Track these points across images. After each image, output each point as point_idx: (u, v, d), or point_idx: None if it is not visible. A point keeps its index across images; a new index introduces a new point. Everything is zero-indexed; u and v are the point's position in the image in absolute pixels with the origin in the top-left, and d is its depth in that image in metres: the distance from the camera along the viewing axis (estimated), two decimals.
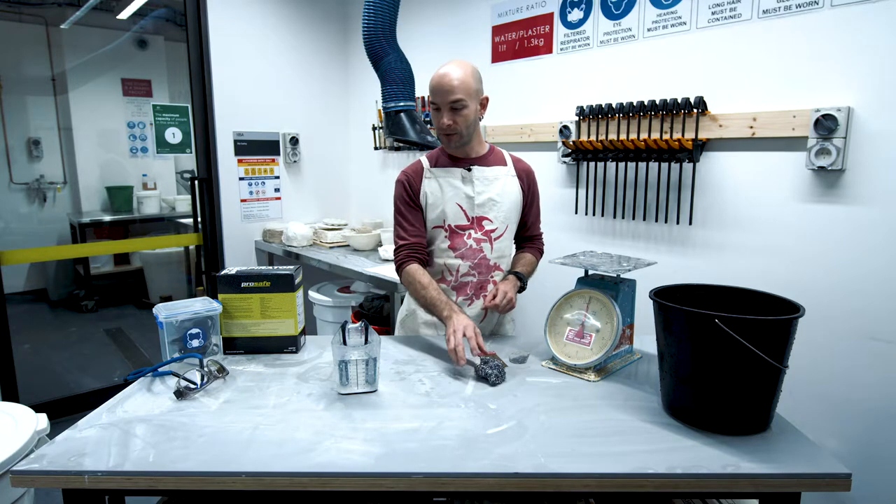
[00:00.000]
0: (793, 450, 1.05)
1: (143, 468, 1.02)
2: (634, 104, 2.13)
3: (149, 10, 4.98)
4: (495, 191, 1.74)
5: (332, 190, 3.75)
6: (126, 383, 1.41)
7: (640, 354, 1.54)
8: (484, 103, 1.74)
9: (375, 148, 3.48)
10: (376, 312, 2.73)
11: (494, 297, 1.62)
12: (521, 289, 1.76)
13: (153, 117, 3.14)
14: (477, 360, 1.41)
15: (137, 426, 1.17)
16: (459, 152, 1.75)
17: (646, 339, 1.59)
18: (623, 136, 2.19)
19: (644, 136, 2.13)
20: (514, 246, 1.88)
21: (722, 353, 1.05)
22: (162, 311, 1.48)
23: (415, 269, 1.68)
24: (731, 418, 1.09)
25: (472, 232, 1.74)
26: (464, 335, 1.44)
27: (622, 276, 1.42)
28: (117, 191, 5.04)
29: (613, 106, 2.20)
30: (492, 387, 1.34)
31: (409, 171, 1.77)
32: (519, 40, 2.63)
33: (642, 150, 2.09)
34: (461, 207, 1.73)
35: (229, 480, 1.00)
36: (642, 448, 1.06)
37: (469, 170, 1.74)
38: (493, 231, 1.75)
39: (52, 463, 1.04)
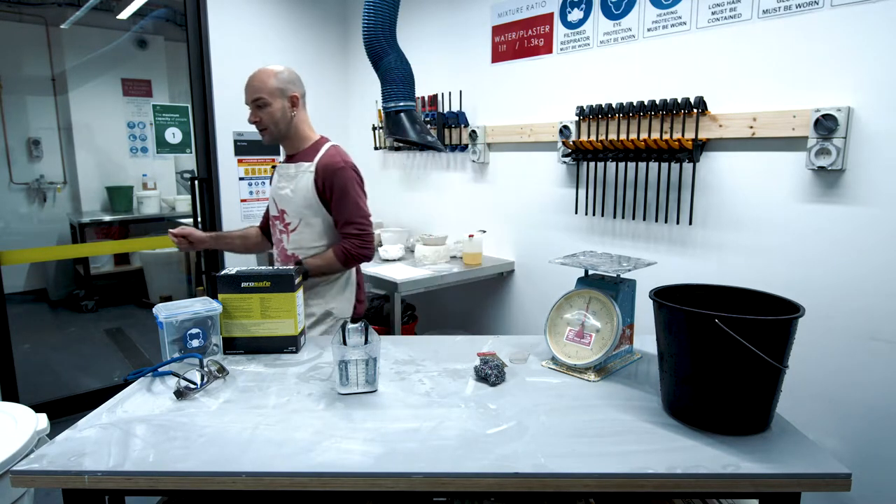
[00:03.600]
0: (793, 450, 1.05)
1: (143, 468, 1.01)
2: (634, 104, 2.13)
3: (149, 10, 4.98)
4: (290, 186, 1.87)
5: None
6: (126, 383, 1.41)
7: (640, 354, 1.54)
8: (295, 101, 1.87)
9: (375, 148, 3.48)
10: (376, 312, 2.72)
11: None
12: (305, 275, 1.79)
13: (153, 117, 3.14)
14: (478, 361, 1.41)
15: (137, 426, 1.17)
16: (284, 146, 1.94)
17: (646, 339, 1.59)
18: (623, 136, 2.19)
19: (644, 136, 2.13)
20: (322, 240, 1.90)
21: (722, 353, 1.05)
22: (162, 311, 1.48)
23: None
24: (731, 418, 1.09)
25: (278, 223, 1.95)
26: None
27: (622, 276, 1.42)
28: (117, 191, 5.05)
29: (613, 106, 2.20)
30: (492, 387, 1.34)
31: (274, 165, 2.06)
32: (519, 40, 2.63)
33: (642, 150, 2.09)
34: (273, 200, 1.95)
35: (229, 480, 1.00)
36: (642, 448, 1.06)
37: (274, 166, 1.94)
38: (289, 224, 1.91)
39: (52, 463, 1.03)
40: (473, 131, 2.82)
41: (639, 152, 2.10)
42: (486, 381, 1.36)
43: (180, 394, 1.29)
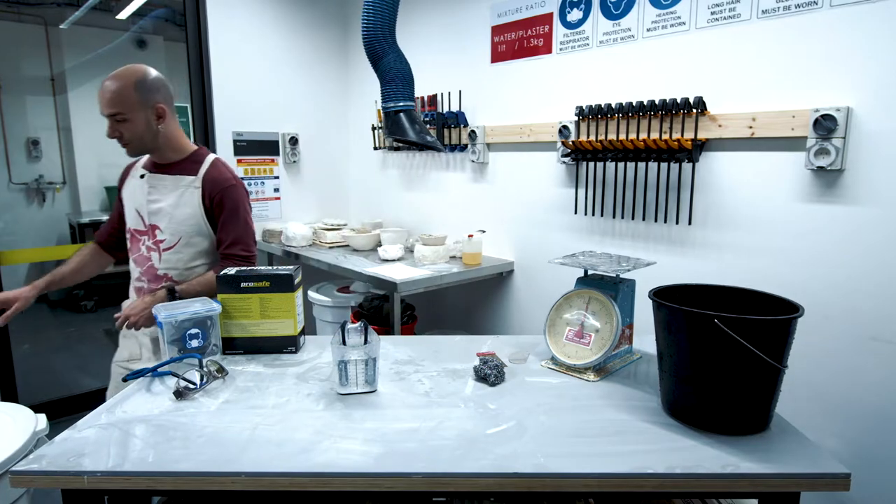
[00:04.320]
0: (792, 450, 1.05)
1: (142, 468, 1.01)
2: (634, 104, 2.13)
3: (148, 10, 4.98)
4: (169, 201, 1.70)
5: (331, 190, 3.75)
6: (125, 383, 1.41)
7: (640, 354, 1.54)
8: (161, 113, 1.67)
9: (375, 148, 3.48)
10: (375, 312, 2.73)
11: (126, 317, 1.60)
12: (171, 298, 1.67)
13: None
14: (477, 361, 1.41)
15: (137, 426, 1.17)
16: (152, 157, 1.76)
17: (645, 339, 1.59)
18: (622, 136, 2.19)
19: (643, 136, 2.13)
20: (202, 260, 1.78)
21: (721, 352, 1.05)
22: (161, 311, 1.48)
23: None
24: (730, 418, 1.09)
25: (145, 239, 1.75)
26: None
27: (621, 275, 1.42)
28: (115, 191, 5.04)
29: (613, 106, 2.20)
30: (491, 387, 1.34)
31: (126, 167, 1.86)
32: (518, 40, 2.63)
33: (642, 150, 2.09)
34: (139, 213, 1.74)
35: (228, 481, 1.00)
36: (642, 448, 1.06)
37: (142, 176, 1.73)
38: (162, 241, 1.73)
39: (51, 463, 1.03)
40: (473, 131, 2.82)
41: (638, 152, 2.10)
42: (485, 381, 1.36)
43: (179, 394, 1.29)
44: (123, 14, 4.83)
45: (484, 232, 2.80)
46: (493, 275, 2.78)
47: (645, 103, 2.10)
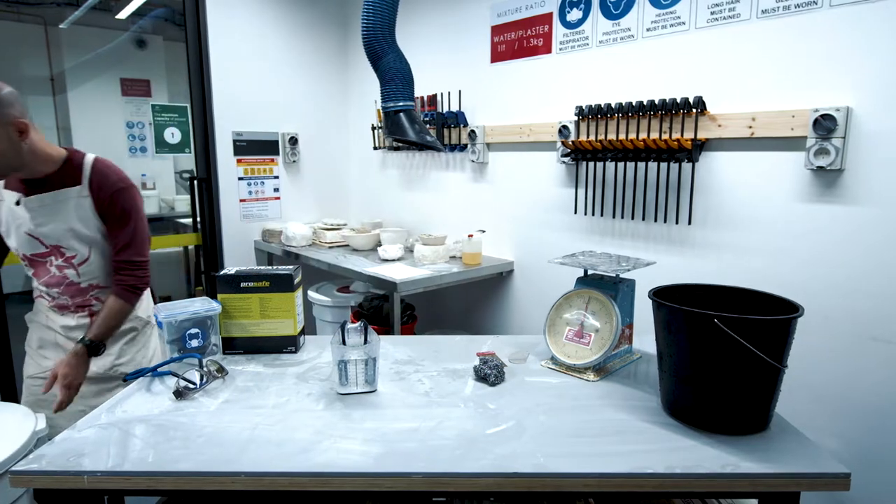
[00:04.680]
0: (792, 449, 1.05)
1: (142, 468, 1.01)
2: (633, 104, 2.13)
3: (147, 10, 4.97)
4: (61, 218, 1.58)
5: (331, 190, 3.75)
6: (125, 383, 1.41)
7: (640, 354, 1.54)
8: (22, 128, 1.46)
9: (375, 148, 3.48)
10: (375, 312, 2.73)
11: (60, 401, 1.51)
12: (94, 351, 1.60)
13: (152, 117, 3.13)
14: (477, 361, 1.41)
15: (136, 426, 1.17)
16: (19, 174, 1.56)
17: (645, 339, 1.59)
18: (622, 136, 2.19)
19: (643, 135, 2.13)
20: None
21: (721, 352, 1.05)
22: (161, 310, 1.48)
23: None
24: (730, 418, 1.10)
25: (52, 259, 1.64)
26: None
27: (621, 275, 1.42)
28: None
29: (612, 106, 2.20)
30: (491, 387, 1.34)
31: None
32: (518, 40, 2.63)
33: (641, 150, 2.09)
34: (33, 236, 1.60)
35: (228, 481, 1.00)
36: (641, 448, 1.06)
37: (18, 203, 1.57)
38: (73, 257, 1.63)
39: (51, 463, 1.03)
40: (472, 131, 2.82)
41: (638, 152, 2.10)
42: (485, 380, 1.36)
43: (179, 394, 1.29)
44: (123, 14, 4.83)
45: (484, 232, 2.80)
46: (493, 275, 2.78)
47: (645, 103, 2.10)
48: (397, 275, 2.44)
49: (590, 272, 1.48)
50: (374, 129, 3.45)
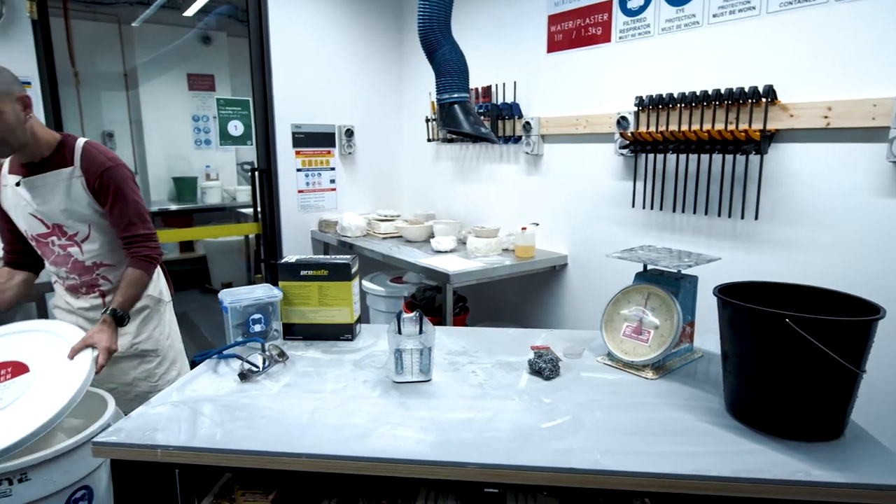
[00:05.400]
0: (869, 459, 0.99)
1: (210, 445, 1.07)
2: (698, 94, 2.05)
3: (212, 7, 5.16)
4: (58, 198, 1.65)
5: (385, 181, 3.81)
6: (193, 364, 1.48)
7: (701, 353, 1.49)
8: (27, 102, 1.55)
9: (428, 140, 3.50)
10: (428, 303, 2.75)
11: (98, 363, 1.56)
12: (121, 322, 1.67)
13: (217, 110, 3.26)
14: (531, 355, 1.41)
15: (205, 405, 1.23)
16: (19, 157, 1.64)
17: (706, 337, 1.54)
18: (685, 127, 2.11)
19: (708, 126, 2.04)
20: (120, 242, 1.76)
21: (792, 354, 1.00)
22: (227, 296, 1.55)
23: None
24: (801, 423, 1.04)
25: (55, 239, 1.70)
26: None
27: (683, 271, 1.37)
28: (183, 181, 5.28)
29: (675, 96, 2.12)
30: (546, 381, 1.33)
31: None
32: (576, 29, 2.57)
33: (705, 142, 2.01)
34: (36, 217, 1.67)
35: (291, 461, 1.04)
36: (703, 449, 1.03)
37: (18, 184, 1.65)
38: (75, 235, 1.70)
39: (128, 436, 1.10)
40: (527, 123, 2.79)
41: (702, 144, 2.02)
42: (540, 374, 1.35)
43: (244, 376, 1.35)
44: (190, 11, 5.04)
45: (537, 225, 2.77)
46: (546, 268, 2.75)
47: (710, 92, 2.01)
48: (450, 266, 2.45)
49: (650, 267, 1.44)
50: (427, 121, 3.47)
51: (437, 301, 2.74)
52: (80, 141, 1.70)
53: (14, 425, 1.35)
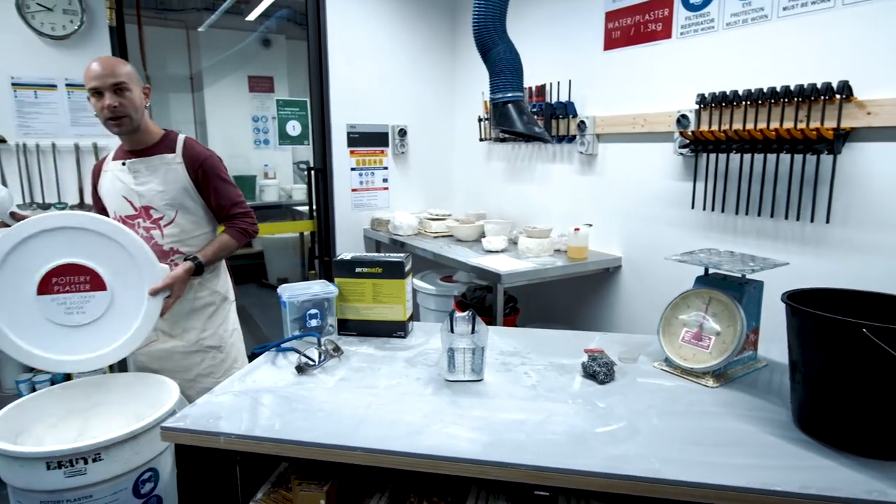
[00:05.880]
0: None
1: (270, 435, 1.10)
2: (765, 91, 1.96)
3: (273, 11, 5.34)
4: (157, 180, 1.82)
5: (437, 180, 3.83)
6: (253, 355, 1.54)
7: (765, 362, 1.42)
8: (146, 92, 1.82)
9: (480, 139, 3.50)
10: (478, 303, 2.75)
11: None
12: (199, 271, 1.83)
13: (276, 111, 3.36)
14: (585, 358, 1.38)
15: (264, 396, 1.28)
16: (128, 142, 1.83)
17: (770, 345, 1.47)
18: (750, 126, 2.02)
19: (775, 125, 1.95)
20: (204, 228, 1.93)
21: (868, 366, 0.95)
22: (285, 291, 1.60)
23: None
24: (876, 439, 0.98)
25: (141, 221, 1.85)
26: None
27: (748, 276, 1.32)
28: (242, 180, 5.48)
29: (740, 93, 2.04)
30: (600, 385, 1.31)
31: (95, 167, 1.96)
32: (634, 26, 2.51)
33: (772, 141, 1.92)
34: (126, 199, 1.83)
35: (346, 454, 1.06)
36: (768, 463, 0.98)
37: (123, 164, 1.82)
38: (160, 219, 1.85)
39: (194, 423, 1.16)
40: (582, 122, 2.74)
41: (768, 143, 1.93)
42: (594, 378, 1.33)
43: (301, 369, 1.39)
44: (252, 15, 5.23)
45: (591, 226, 2.72)
46: (599, 270, 2.70)
47: (778, 89, 1.92)
48: (501, 266, 2.44)
49: (711, 271, 1.39)
50: (480, 120, 3.46)
51: (487, 301, 2.73)
52: (182, 136, 1.91)
53: (98, 343, 1.64)
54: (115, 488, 1.52)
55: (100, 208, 1.97)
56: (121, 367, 2.14)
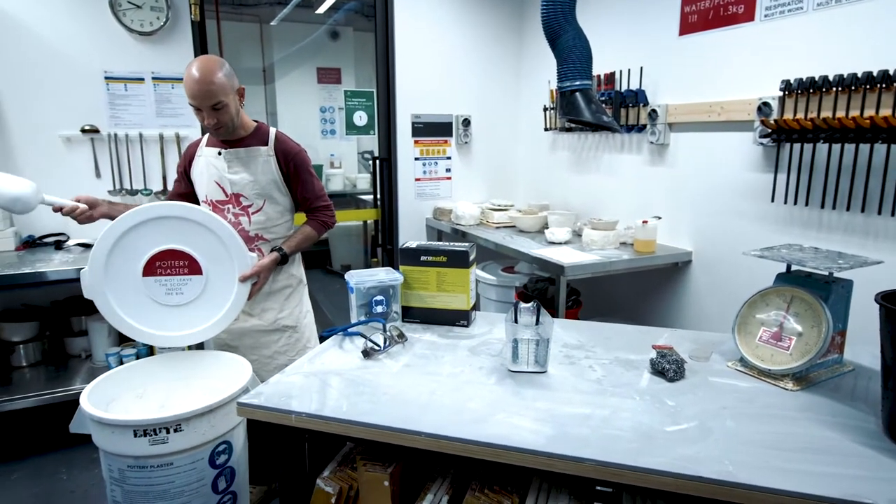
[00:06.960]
0: None
1: (338, 415, 1.14)
2: (859, 76, 1.82)
3: (342, 4, 5.45)
4: (250, 170, 1.91)
5: (500, 171, 3.81)
6: (322, 339, 1.59)
7: (852, 366, 1.33)
8: (241, 92, 1.87)
9: (546, 129, 3.44)
10: (540, 294, 2.72)
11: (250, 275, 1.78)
12: (283, 261, 1.94)
13: (343, 102, 3.44)
14: (653, 354, 1.34)
15: (332, 378, 1.32)
16: (226, 136, 1.90)
17: (858, 349, 1.38)
18: (841, 114, 1.88)
19: (870, 112, 1.81)
20: (286, 216, 2.02)
21: None
22: (353, 277, 1.64)
23: None
24: None
25: (230, 207, 1.93)
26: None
27: (836, 274, 1.23)
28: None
29: (830, 79, 1.90)
30: (669, 382, 1.27)
31: (188, 148, 2.03)
32: (713, 8, 2.38)
33: (866, 130, 1.78)
34: (219, 185, 1.92)
35: (410, 438, 1.08)
36: (854, 472, 0.92)
37: (220, 153, 1.90)
38: (249, 206, 1.94)
39: (268, 400, 1.21)
40: (653, 110, 2.64)
41: (861, 132, 1.79)
42: (662, 375, 1.29)
43: (367, 353, 1.43)
44: (321, 8, 5.35)
45: (660, 218, 2.63)
46: (668, 264, 2.60)
47: (875, 74, 1.78)
48: (565, 258, 2.41)
49: (794, 268, 1.32)
50: (545, 109, 3.41)
51: (549, 293, 2.70)
52: (273, 129, 1.99)
53: (191, 322, 1.77)
54: (193, 458, 1.61)
55: (179, 189, 2.07)
56: (197, 344, 2.27)
